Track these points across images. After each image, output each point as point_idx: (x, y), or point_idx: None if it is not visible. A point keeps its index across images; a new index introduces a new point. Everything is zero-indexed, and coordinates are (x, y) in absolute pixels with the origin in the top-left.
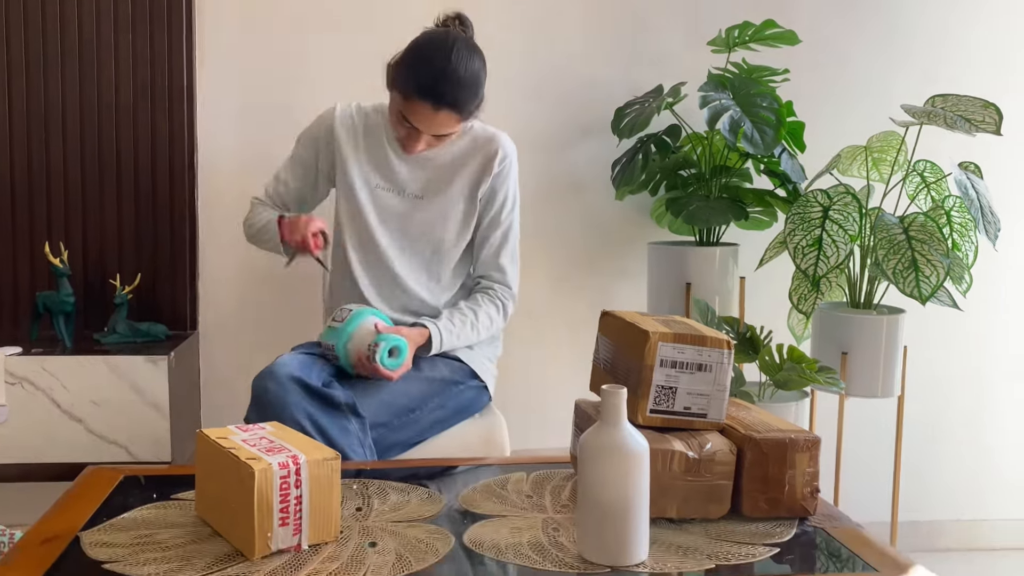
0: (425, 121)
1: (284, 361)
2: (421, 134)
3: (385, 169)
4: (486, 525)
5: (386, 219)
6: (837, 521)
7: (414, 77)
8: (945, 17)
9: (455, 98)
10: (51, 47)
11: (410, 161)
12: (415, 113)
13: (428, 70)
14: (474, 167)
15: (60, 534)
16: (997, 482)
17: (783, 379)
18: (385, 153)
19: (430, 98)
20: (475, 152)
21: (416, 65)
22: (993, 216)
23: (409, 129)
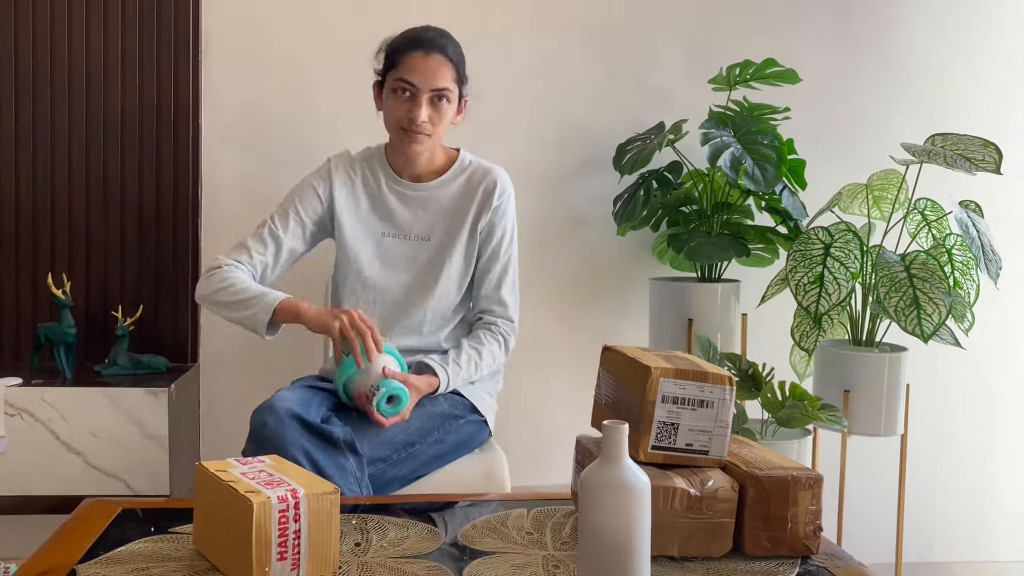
0: (420, 71)
1: (283, 396)
2: (421, 97)
3: (388, 216)
4: (486, 562)
5: (391, 265)
6: (840, 560)
7: (399, 39)
8: (946, 56)
9: (442, 44)
10: (58, 79)
11: (412, 204)
12: (410, 69)
13: (410, 30)
14: (473, 203)
15: (56, 567)
16: (1005, 523)
17: (785, 416)
18: (385, 200)
19: (419, 46)
20: (473, 188)
21: (400, 34)
22: (994, 255)
23: (408, 99)
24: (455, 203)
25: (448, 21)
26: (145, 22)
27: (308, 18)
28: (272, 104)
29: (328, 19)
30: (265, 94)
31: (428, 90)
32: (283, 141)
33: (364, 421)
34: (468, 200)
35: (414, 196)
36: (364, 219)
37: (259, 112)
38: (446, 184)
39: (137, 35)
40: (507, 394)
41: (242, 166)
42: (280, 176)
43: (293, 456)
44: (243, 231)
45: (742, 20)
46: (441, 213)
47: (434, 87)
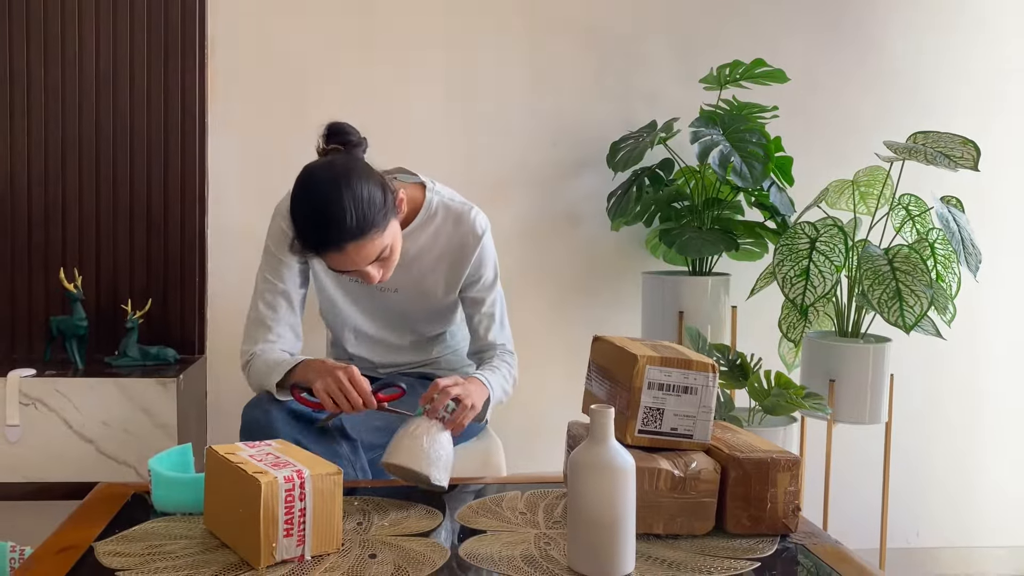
0: (348, 263)
1: None
2: (363, 270)
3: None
4: (481, 539)
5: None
6: (817, 538)
7: (305, 240)
8: (929, 56)
9: (347, 232)
10: (69, 80)
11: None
12: (337, 264)
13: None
14: (450, 255)
15: (75, 544)
16: (988, 509)
17: (771, 404)
18: None
19: (327, 247)
20: (445, 240)
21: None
22: (974, 249)
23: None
24: (425, 255)
25: (442, 23)
26: (153, 27)
27: (311, 22)
28: (276, 105)
29: (331, 23)
30: (269, 96)
31: (366, 264)
32: (287, 141)
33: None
34: (441, 250)
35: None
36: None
37: (263, 113)
38: (413, 234)
39: (145, 39)
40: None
41: (247, 165)
42: (284, 173)
43: None
44: (248, 226)
45: (732, 21)
46: (408, 268)
47: (370, 261)
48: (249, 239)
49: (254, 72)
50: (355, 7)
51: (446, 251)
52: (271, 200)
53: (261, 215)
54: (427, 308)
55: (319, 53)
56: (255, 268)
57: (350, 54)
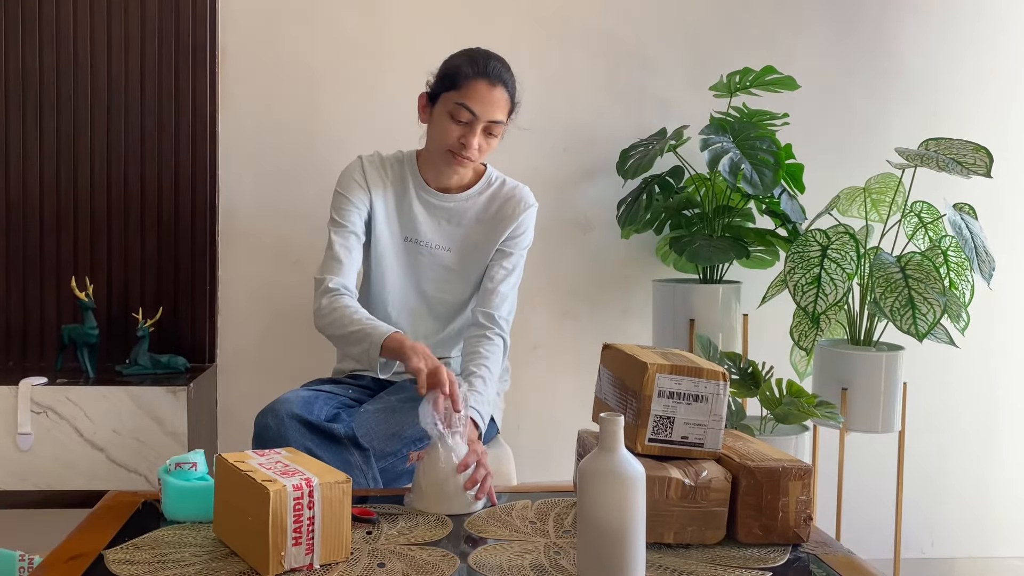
0: (483, 100)
1: (286, 398)
2: (476, 126)
3: (411, 222)
4: (491, 548)
5: (409, 269)
6: (829, 548)
7: (469, 63)
8: (941, 62)
9: (506, 78)
10: (80, 91)
11: (436, 214)
12: (473, 96)
13: (479, 57)
14: (497, 218)
15: (85, 552)
16: (1004, 519)
17: (783, 413)
18: (411, 206)
19: (485, 75)
20: (498, 206)
21: (465, 56)
22: (988, 256)
23: (464, 124)
24: (479, 218)
25: (454, 31)
26: (164, 34)
27: (322, 29)
28: (287, 112)
29: (341, 30)
30: (280, 103)
31: (486, 120)
32: (297, 148)
33: (375, 418)
34: (492, 217)
35: (439, 207)
36: (390, 221)
37: (274, 120)
38: (472, 198)
39: (156, 48)
40: (514, 393)
41: (258, 172)
42: (295, 181)
43: None
44: (259, 236)
45: (742, 29)
46: (464, 227)
47: (492, 118)
48: (260, 246)
49: (265, 79)
50: (366, 14)
51: (497, 215)
52: (282, 207)
53: (272, 222)
54: (471, 270)
55: (330, 60)
56: (266, 276)
57: (361, 61)
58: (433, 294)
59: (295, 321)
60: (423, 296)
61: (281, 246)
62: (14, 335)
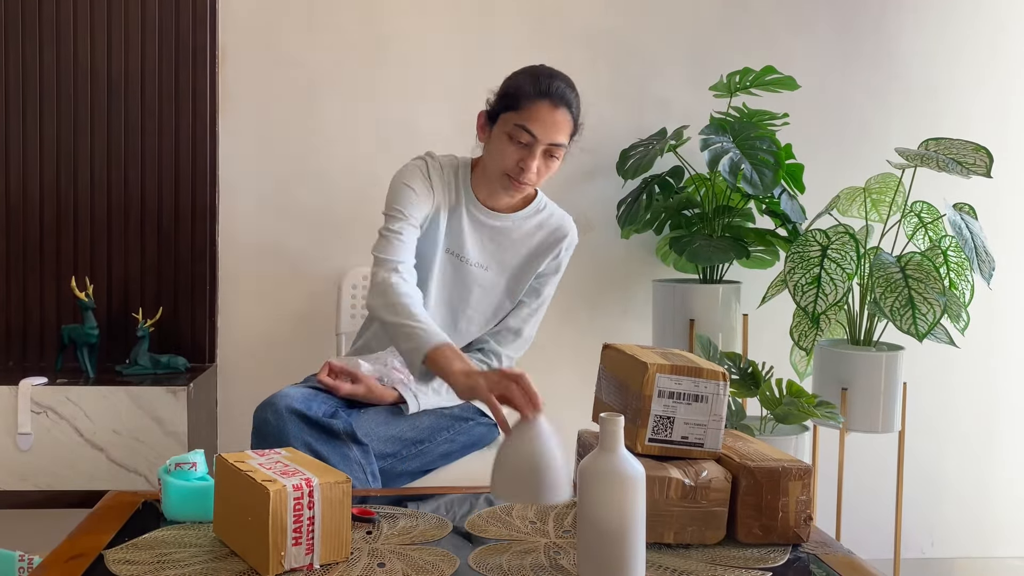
0: (545, 122)
1: (285, 392)
2: (537, 149)
3: (456, 234)
4: (491, 548)
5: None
6: (829, 548)
7: (531, 82)
8: (941, 62)
9: (570, 98)
10: (80, 92)
11: (481, 232)
12: (534, 117)
13: (542, 75)
14: (540, 247)
15: (85, 552)
16: (1002, 519)
17: (783, 413)
18: (460, 219)
19: (549, 97)
20: (544, 233)
21: (528, 75)
22: (987, 256)
23: (524, 146)
24: (523, 243)
25: (453, 32)
26: (164, 36)
27: (322, 32)
28: (287, 112)
29: (341, 32)
30: (280, 103)
31: (547, 143)
32: (297, 148)
33: (374, 417)
34: (536, 244)
35: (487, 224)
36: (437, 230)
37: (274, 120)
38: (519, 222)
39: (156, 48)
40: None
41: (258, 173)
42: (295, 182)
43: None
44: (259, 236)
45: (742, 29)
46: (506, 248)
47: (553, 141)
48: (259, 247)
49: (265, 81)
50: (365, 15)
51: (541, 244)
52: (282, 209)
53: (272, 223)
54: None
55: (329, 62)
56: (266, 276)
57: (360, 62)
58: (461, 310)
59: (295, 321)
60: (451, 310)
61: (281, 246)
62: (14, 335)
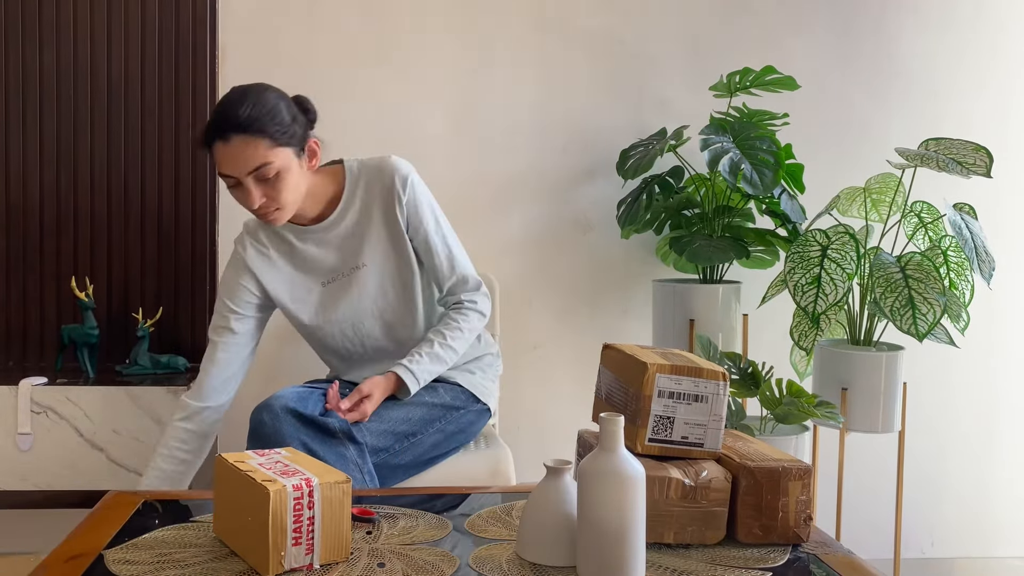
0: (229, 161)
1: (281, 394)
2: (245, 183)
3: (315, 265)
4: (491, 548)
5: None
6: (830, 548)
7: (207, 129)
8: (943, 62)
9: (236, 118)
10: (80, 92)
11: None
12: (219, 161)
13: (213, 111)
14: (381, 206)
15: (85, 552)
16: (1003, 519)
17: (782, 413)
18: (305, 253)
19: (215, 133)
20: (371, 194)
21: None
22: (988, 256)
23: (236, 187)
24: (365, 218)
25: (453, 32)
26: (164, 35)
27: (322, 30)
28: None
29: (341, 31)
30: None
31: (246, 175)
32: None
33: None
34: (377, 208)
35: (325, 236)
36: (297, 282)
37: None
38: (348, 205)
39: (156, 48)
40: (513, 393)
41: None
42: None
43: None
44: None
45: (742, 29)
46: (358, 236)
47: (249, 170)
48: None
49: (265, 79)
50: (365, 14)
51: (379, 201)
52: None
53: None
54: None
55: (329, 61)
56: None
57: (360, 61)
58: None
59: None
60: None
61: None
62: (14, 335)
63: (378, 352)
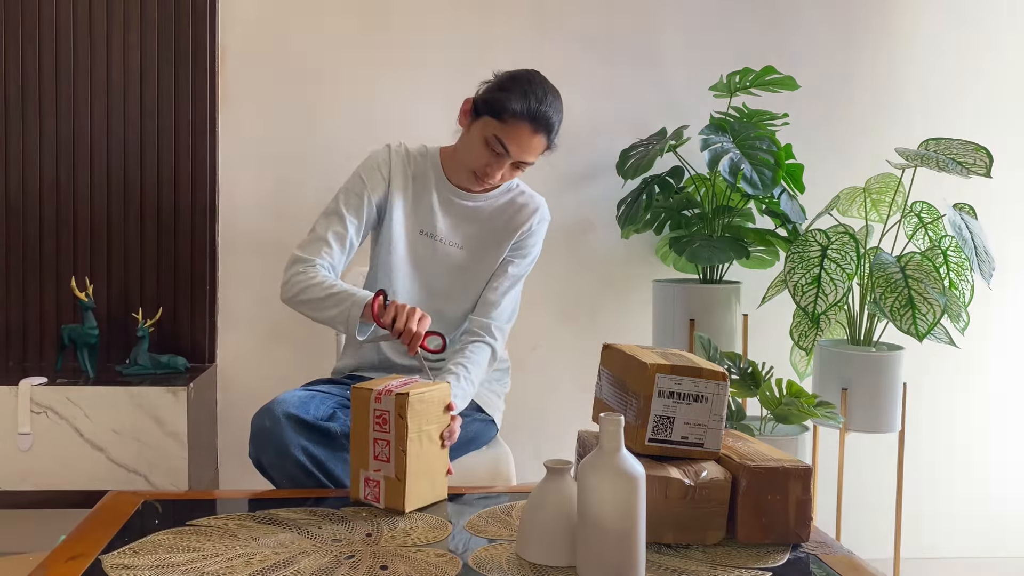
0: (522, 143)
1: (282, 399)
2: (507, 161)
3: (429, 216)
4: (491, 548)
5: (420, 264)
6: (829, 548)
7: (520, 100)
8: (943, 62)
9: (551, 125)
10: (80, 89)
11: (454, 212)
12: (513, 135)
13: (533, 95)
14: (511, 224)
15: (84, 552)
16: (1002, 519)
17: (782, 413)
18: (431, 200)
19: (532, 121)
20: (515, 210)
21: (520, 88)
22: (988, 256)
23: (496, 155)
24: (494, 220)
25: (453, 32)
26: (164, 36)
27: (322, 31)
28: (287, 112)
29: (341, 31)
30: (280, 104)
31: (517, 159)
32: (297, 148)
33: None
34: (507, 221)
35: (458, 204)
36: (407, 213)
37: (274, 121)
38: (490, 200)
39: (156, 48)
40: (514, 393)
41: (258, 173)
42: (295, 182)
43: (292, 455)
44: (259, 236)
45: (742, 29)
46: (478, 226)
47: (524, 160)
48: (260, 247)
49: (265, 80)
50: (365, 14)
51: (512, 220)
52: (282, 208)
53: (273, 223)
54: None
55: (330, 61)
56: (266, 276)
57: (360, 61)
58: (441, 290)
59: (294, 322)
60: (431, 292)
61: (281, 246)
62: (14, 335)
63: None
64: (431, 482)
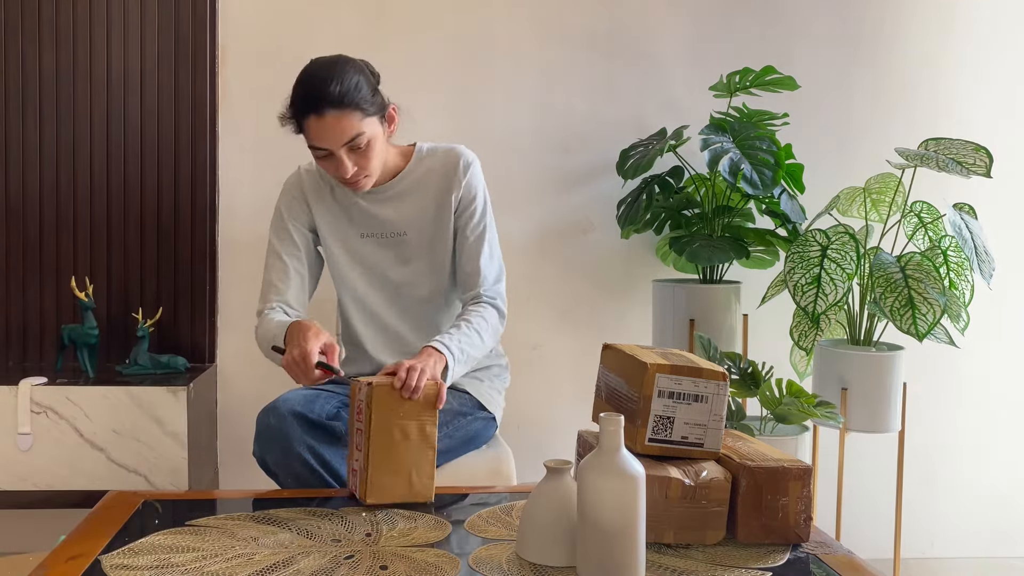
0: (325, 133)
1: (287, 397)
2: (338, 154)
3: (363, 217)
4: (491, 548)
5: (372, 266)
6: (829, 548)
7: (295, 104)
8: (942, 62)
9: (330, 94)
10: (80, 92)
11: (381, 205)
12: (313, 134)
13: (300, 87)
14: (440, 187)
15: (84, 553)
16: (1003, 519)
17: (782, 413)
18: (357, 202)
19: (311, 111)
20: (436, 174)
21: (292, 95)
22: (988, 256)
23: (326, 157)
24: (421, 192)
25: (452, 32)
26: (164, 36)
27: (322, 31)
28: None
29: (342, 32)
30: (280, 105)
31: (340, 147)
32: (297, 148)
33: None
34: (434, 187)
35: (382, 196)
36: (342, 223)
37: (274, 122)
38: (407, 177)
39: (156, 48)
40: (514, 393)
41: (258, 173)
42: None
43: (298, 453)
44: (260, 236)
45: (742, 29)
46: (410, 205)
47: (344, 142)
48: (260, 247)
49: (265, 81)
50: (366, 15)
51: (439, 184)
52: None
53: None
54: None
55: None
56: None
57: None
58: (404, 280)
59: None
60: (396, 286)
61: None
62: (14, 335)
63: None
64: (407, 480)
